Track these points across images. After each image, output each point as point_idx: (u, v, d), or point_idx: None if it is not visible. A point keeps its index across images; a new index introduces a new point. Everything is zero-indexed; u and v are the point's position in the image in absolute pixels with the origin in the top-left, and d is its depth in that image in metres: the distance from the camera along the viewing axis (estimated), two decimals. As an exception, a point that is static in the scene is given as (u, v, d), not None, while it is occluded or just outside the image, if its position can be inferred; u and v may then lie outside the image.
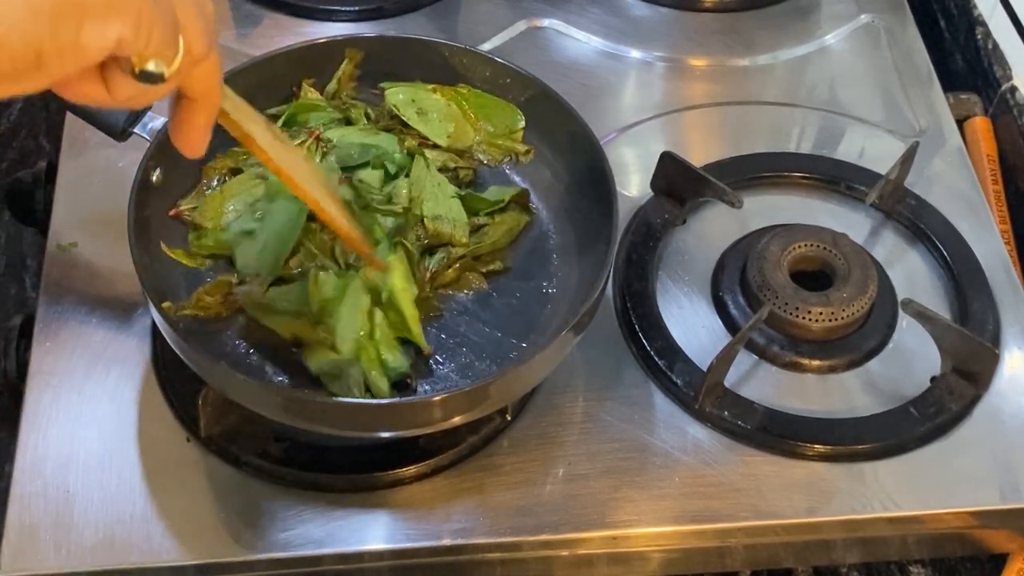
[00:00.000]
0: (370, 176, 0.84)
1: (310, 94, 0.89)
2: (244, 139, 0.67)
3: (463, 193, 0.86)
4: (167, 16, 0.50)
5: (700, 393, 0.81)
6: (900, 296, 0.89)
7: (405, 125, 0.89)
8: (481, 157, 0.90)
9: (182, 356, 0.74)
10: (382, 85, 0.90)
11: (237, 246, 0.82)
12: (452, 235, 0.83)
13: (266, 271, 0.80)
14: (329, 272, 0.79)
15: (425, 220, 0.83)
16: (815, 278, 0.89)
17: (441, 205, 0.84)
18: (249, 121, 0.66)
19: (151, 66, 0.50)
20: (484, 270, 0.84)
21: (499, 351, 0.80)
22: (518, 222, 0.86)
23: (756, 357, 0.86)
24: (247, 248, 0.81)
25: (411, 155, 0.86)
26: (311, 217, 0.80)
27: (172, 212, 0.83)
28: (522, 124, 0.90)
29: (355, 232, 0.75)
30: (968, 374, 0.84)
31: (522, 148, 0.89)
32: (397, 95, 0.89)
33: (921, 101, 1.05)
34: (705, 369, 0.81)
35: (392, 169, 0.85)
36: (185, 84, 0.57)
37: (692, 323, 0.88)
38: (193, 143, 0.61)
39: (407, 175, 0.85)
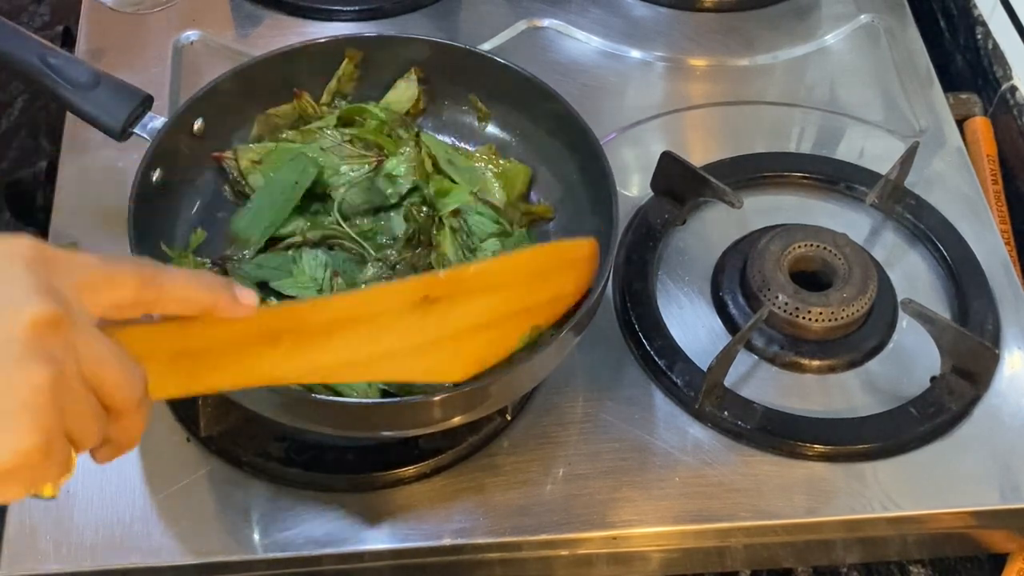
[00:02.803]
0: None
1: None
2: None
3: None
4: (60, 456, 0.48)
5: (700, 393, 0.81)
6: (900, 296, 0.89)
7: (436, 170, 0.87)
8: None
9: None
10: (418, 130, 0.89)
11: (234, 212, 0.84)
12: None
13: (256, 236, 0.81)
14: (316, 252, 0.79)
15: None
16: (815, 278, 0.89)
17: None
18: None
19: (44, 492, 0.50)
20: None
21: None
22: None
23: (756, 357, 0.86)
24: (242, 212, 0.84)
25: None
26: (310, 194, 0.82)
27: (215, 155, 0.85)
28: (529, 182, 0.89)
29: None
30: (968, 374, 0.84)
31: (542, 209, 0.88)
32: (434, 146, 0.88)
33: (921, 101, 1.05)
34: (705, 369, 0.81)
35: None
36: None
37: (692, 323, 0.88)
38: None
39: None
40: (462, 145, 0.92)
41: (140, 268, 0.51)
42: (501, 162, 0.89)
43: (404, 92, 0.90)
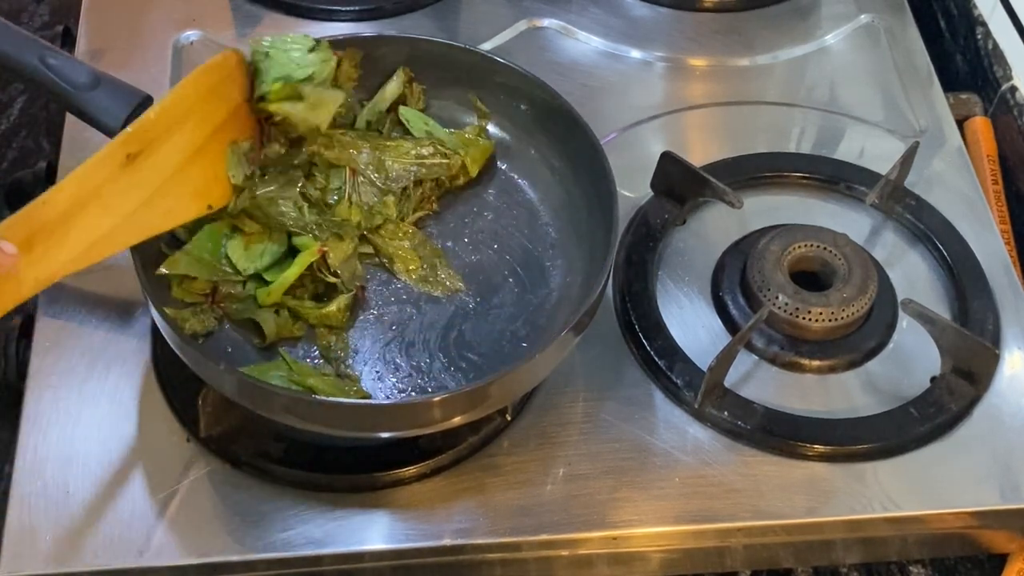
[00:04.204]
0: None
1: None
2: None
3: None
4: None
5: (700, 393, 0.81)
6: (900, 296, 0.89)
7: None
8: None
9: (182, 357, 0.74)
10: (400, 110, 0.90)
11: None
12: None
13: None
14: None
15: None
16: (815, 278, 0.89)
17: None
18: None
19: None
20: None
21: (499, 351, 0.80)
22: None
23: (756, 357, 0.86)
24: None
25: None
26: None
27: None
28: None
29: None
30: (968, 374, 0.84)
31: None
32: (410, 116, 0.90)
33: (921, 101, 1.05)
34: (705, 369, 0.81)
35: None
36: None
37: (692, 323, 0.88)
38: None
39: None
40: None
41: None
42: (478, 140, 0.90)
43: (389, 91, 0.91)
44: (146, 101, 0.82)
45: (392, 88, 0.90)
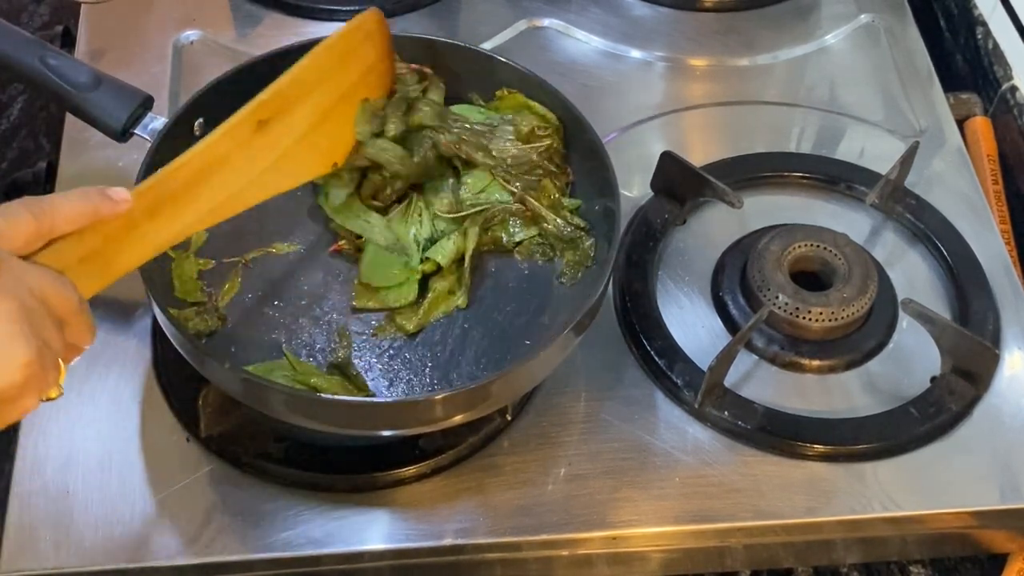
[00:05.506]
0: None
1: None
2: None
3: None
4: (51, 361, 0.59)
5: (700, 393, 0.81)
6: (900, 296, 0.89)
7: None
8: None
9: (187, 356, 0.74)
10: (452, 110, 0.89)
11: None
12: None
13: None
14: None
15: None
16: (815, 278, 0.89)
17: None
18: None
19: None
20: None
21: (500, 351, 0.80)
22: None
23: (756, 357, 0.86)
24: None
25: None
26: None
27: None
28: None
29: None
30: (968, 374, 0.84)
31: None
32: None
33: (921, 101, 1.05)
34: (705, 369, 0.81)
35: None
36: None
37: (692, 323, 0.88)
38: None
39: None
40: None
41: (29, 207, 0.60)
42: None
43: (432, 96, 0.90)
44: (147, 101, 0.82)
45: (433, 96, 0.89)
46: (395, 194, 0.85)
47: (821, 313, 0.85)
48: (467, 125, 0.87)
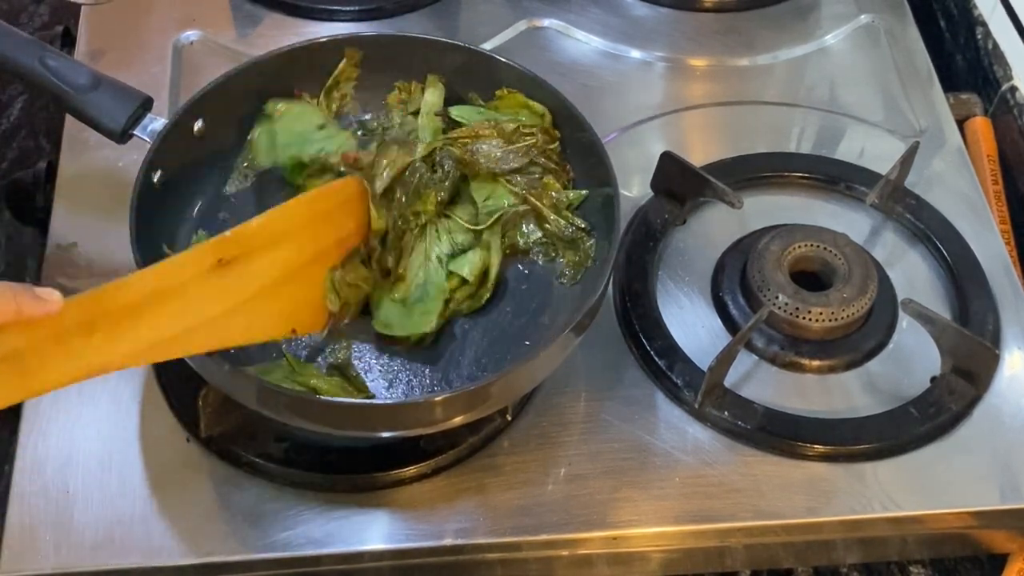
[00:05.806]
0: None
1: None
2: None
3: None
4: None
5: (700, 393, 0.81)
6: (900, 296, 0.89)
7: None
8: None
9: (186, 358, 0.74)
10: (451, 111, 0.89)
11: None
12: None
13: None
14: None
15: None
16: (815, 278, 0.89)
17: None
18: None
19: None
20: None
21: (500, 351, 0.80)
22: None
23: (756, 357, 0.86)
24: None
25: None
26: None
27: None
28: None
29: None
30: (968, 374, 0.84)
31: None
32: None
33: (921, 101, 1.05)
34: (705, 369, 0.81)
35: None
36: None
37: (692, 323, 0.88)
38: None
39: None
40: None
41: None
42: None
43: (431, 100, 0.90)
44: (146, 102, 0.82)
45: (432, 97, 0.89)
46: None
47: (821, 313, 0.85)
48: (454, 136, 0.87)
